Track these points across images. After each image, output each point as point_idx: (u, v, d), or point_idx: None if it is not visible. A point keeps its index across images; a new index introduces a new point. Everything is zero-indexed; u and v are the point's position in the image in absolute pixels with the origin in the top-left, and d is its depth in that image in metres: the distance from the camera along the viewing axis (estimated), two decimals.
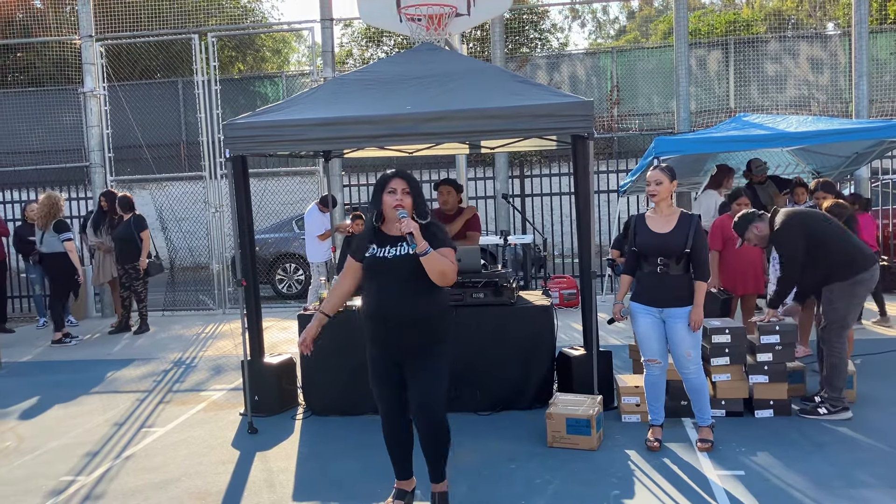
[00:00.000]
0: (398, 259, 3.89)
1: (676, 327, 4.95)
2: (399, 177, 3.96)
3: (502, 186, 11.72)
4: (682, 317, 4.93)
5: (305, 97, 6.22)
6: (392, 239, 3.95)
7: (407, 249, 3.87)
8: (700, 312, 4.92)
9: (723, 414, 5.64)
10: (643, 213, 5.20)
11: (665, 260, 4.94)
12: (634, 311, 5.11)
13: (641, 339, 5.12)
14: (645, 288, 5.05)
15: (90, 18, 11.66)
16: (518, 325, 5.95)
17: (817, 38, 16.16)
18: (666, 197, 5.02)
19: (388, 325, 3.89)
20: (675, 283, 4.95)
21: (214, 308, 11.68)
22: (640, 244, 5.04)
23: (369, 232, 4.03)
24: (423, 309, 3.90)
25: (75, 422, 6.31)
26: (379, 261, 3.92)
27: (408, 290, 3.88)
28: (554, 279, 10.74)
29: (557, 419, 5.16)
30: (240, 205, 6.09)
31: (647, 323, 5.04)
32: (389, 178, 3.97)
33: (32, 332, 10.58)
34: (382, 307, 3.90)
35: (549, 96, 5.77)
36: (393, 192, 3.92)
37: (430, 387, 3.92)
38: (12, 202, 12.65)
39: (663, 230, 4.98)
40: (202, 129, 11.46)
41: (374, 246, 3.96)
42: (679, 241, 4.92)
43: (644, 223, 5.09)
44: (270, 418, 6.03)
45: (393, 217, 3.92)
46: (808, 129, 7.77)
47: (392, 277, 3.90)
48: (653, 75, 16.94)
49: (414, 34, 7.56)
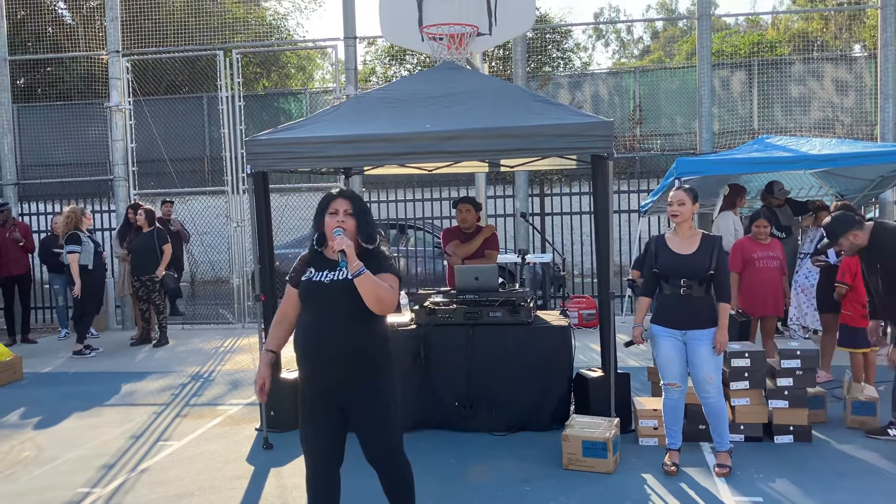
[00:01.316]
0: (335, 283, 3.54)
1: (699, 350, 4.89)
2: (343, 197, 3.62)
3: (522, 205, 11.71)
4: (705, 339, 4.88)
5: (327, 114, 6.26)
6: (332, 263, 3.60)
7: (347, 274, 3.50)
8: (725, 334, 4.86)
9: (741, 439, 5.56)
10: (663, 234, 5.16)
11: (688, 282, 4.89)
12: (656, 334, 5.05)
13: (662, 363, 5.05)
14: (667, 310, 5.00)
15: (118, 34, 11.84)
16: (535, 344, 5.91)
17: (843, 59, 16.05)
18: (688, 218, 4.98)
19: (322, 358, 3.54)
20: (698, 305, 4.90)
21: (234, 322, 11.73)
22: (662, 266, 4.99)
23: (311, 256, 3.70)
24: (360, 339, 3.54)
25: (93, 433, 6.35)
26: (314, 285, 3.58)
27: (343, 318, 3.52)
28: (573, 299, 10.68)
29: (573, 441, 5.11)
30: (260, 220, 6.13)
31: (669, 346, 4.98)
32: (332, 198, 3.62)
33: (54, 343, 10.68)
34: (315, 337, 3.54)
35: (569, 116, 5.76)
36: (335, 213, 3.59)
37: (380, 436, 3.59)
38: (38, 214, 12.82)
39: (686, 252, 4.94)
40: (225, 145, 11.57)
41: (311, 269, 3.64)
42: (702, 262, 4.87)
43: (665, 245, 5.04)
44: (286, 434, 6.03)
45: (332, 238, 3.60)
46: (832, 152, 7.70)
47: (327, 304, 3.55)
48: (676, 95, 16.88)
49: (435, 53, 7.60)
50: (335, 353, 3.52)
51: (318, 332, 3.54)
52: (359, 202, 3.66)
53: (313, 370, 3.59)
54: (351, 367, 3.54)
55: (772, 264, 7.05)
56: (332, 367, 3.54)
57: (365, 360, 3.57)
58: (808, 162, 7.84)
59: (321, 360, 3.55)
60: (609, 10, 43.39)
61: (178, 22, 14.18)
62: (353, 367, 3.54)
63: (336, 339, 3.52)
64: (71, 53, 15.57)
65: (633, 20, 45.65)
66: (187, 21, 14.16)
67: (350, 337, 3.53)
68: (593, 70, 22.99)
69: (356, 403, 3.58)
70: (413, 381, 5.86)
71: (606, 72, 21.25)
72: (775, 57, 17.20)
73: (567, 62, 20.33)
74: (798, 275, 8.28)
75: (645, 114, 17.04)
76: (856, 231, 5.34)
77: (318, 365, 3.57)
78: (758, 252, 7.02)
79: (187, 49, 13.22)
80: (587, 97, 17.57)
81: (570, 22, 21.36)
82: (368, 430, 3.59)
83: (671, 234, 5.08)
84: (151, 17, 13.82)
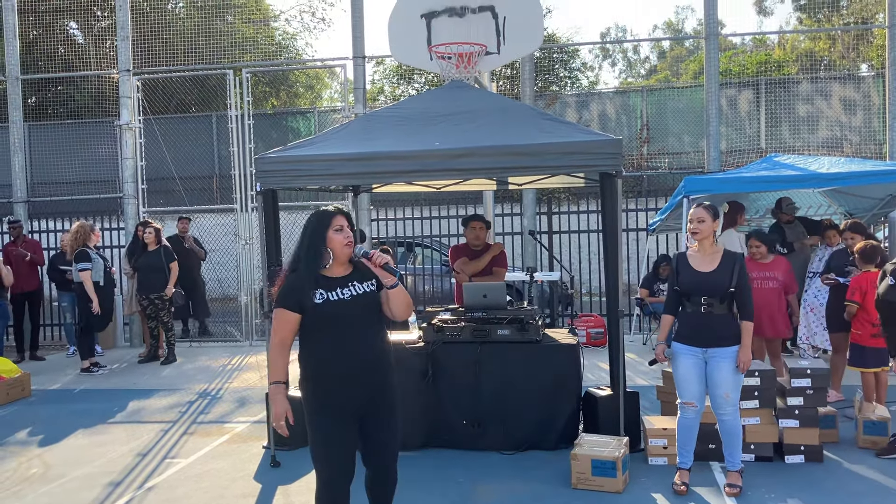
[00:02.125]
0: (358, 298, 3.60)
1: (720, 367, 4.85)
2: (342, 214, 3.67)
3: (530, 223, 11.71)
4: (727, 357, 4.84)
5: (335, 132, 6.29)
6: (340, 280, 3.62)
7: (362, 288, 3.61)
8: (748, 353, 4.83)
9: (752, 458, 5.52)
10: (684, 251, 5.13)
11: (709, 299, 4.86)
12: (676, 351, 5.01)
13: (681, 381, 5.00)
14: (688, 328, 4.97)
15: (128, 53, 11.94)
16: (544, 363, 5.89)
17: (850, 79, 16.06)
18: (708, 235, 4.95)
19: (352, 374, 3.57)
20: (720, 323, 4.86)
21: (241, 340, 11.73)
22: (684, 283, 4.96)
23: (309, 279, 3.59)
24: (384, 348, 3.68)
25: (100, 451, 6.34)
26: (335, 304, 3.56)
27: (369, 331, 3.62)
28: (581, 317, 10.66)
29: (582, 460, 5.08)
30: (268, 237, 6.14)
31: (689, 364, 4.94)
32: (333, 215, 3.64)
33: (62, 361, 10.69)
34: (348, 354, 3.56)
35: (577, 134, 5.78)
36: (341, 228, 3.62)
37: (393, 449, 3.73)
38: (48, 231, 12.88)
39: (707, 269, 4.91)
40: (234, 163, 11.62)
41: (321, 290, 3.57)
42: (723, 280, 4.84)
43: (686, 262, 5.00)
44: (293, 452, 6.00)
45: (344, 256, 3.63)
46: (840, 171, 7.69)
47: (352, 320, 3.58)
48: (683, 114, 16.91)
49: (444, 72, 7.63)
50: (367, 365, 3.61)
51: (350, 348, 3.57)
52: (350, 217, 3.74)
53: (347, 387, 3.59)
54: (377, 376, 3.64)
55: (769, 285, 6.98)
56: (363, 381, 3.60)
57: (388, 367, 3.70)
58: (817, 180, 7.83)
59: (354, 376, 3.58)
60: (616, 30, 43.63)
61: (189, 41, 14.28)
62: (380, 376, 3.65)
63: (366, 352, 3.60)
64: (82, 72, 15.70)
65: (639, 39, 45.83)
66: (197, 40, 14.27)
67: (378, 347, 3.65)
68: (600, 89, 23.03)
69: (378, 411, 3.66)
70: (421, 399, 5.84)
71: (614, 91, 21.32)
72: (782, 76, 17.24)
73: (574, 81, 20.42)
74: (807, 293, 8.24)
75: (652, 132, 17.06)
76: None
77: (352, 382, 3.59)
78: (755, 272, 6.92)
79: (197, 68, 13.32)
80: (594, 116, 17.61)
81: (578, 42, 21.43)
82: (384, 438, 3.69)
83: (693, 251, 5.05)
84: (162, 36, 13.95)
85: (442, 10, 8.11)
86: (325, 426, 3.60)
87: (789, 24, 28.29)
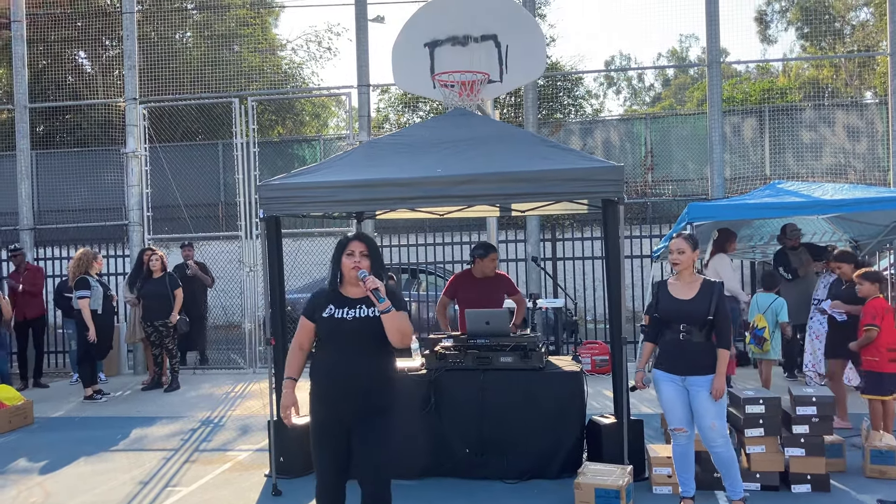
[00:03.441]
0: (357, 321, 3.93)
1: (699, 397, 4.88)
2: (358, 239, 4.03)
3: (533, 249, 11.70)
4: (705, 386, 4.86)
5: (339, 159, 6.32)
6: (350, 301, 4.00)
7: (367, 312, 3.94)
8: (722, 381, 4.86)
9: (758, 487, 5.46)
10: (666, 279, 5.19)
11: (687, 327, 4.91)
12: (657, 379, 5.07)
13: (666, 407, 5.05)
14: (667, 355, 5.02)
15: (135, 82, 12.05)
16: (547, 390, 5.85)
17: (854, 106, 16.09)
18: (688, 266, 5.05)
19: (341, 387, 3.89)
20: (697, 351, 4.90)
21: (245, 367, 11.70)
22: (662, 310, 5.05)
23: (327, 293, 4.05)
24: (378, 372, 3.95)
25: (101, 479, 6.30)
26: (336, 321, 3.94)
27: (364, 352, 3.91)
28: (586, 344, 10.61)
29: (586, 489, 5.03)
30: (272, 264, 6.15)
31: (671, 390, 4.98)
32: (349, 240, 4.04)
33: (66, 388, 10.67)
34: (338, 368, 3.91)
35: (579, 161, 5.79)
36: (351, 254, 3.98)
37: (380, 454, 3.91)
38: (53, 258, 12.92)
39: (685, 297, 4.98)
40: (239, 190, 11.67)
41: (331, 306, 3.98)
42: (701, 308, 4.90)
43: (667, 289, 5.10)
44: (295, 480, 5.96)
45: (352, 278, 3.99)
46: (844, 197, 7.67)
47: (349, 339, 3.93)
48: (687, 141, 16.95)
49: (447, 100, 7.68)
50: (356, 381, 3.89)
51: (339, 365, 3.90)
52: (372, 244, 4.07)
53: (332, 399, 3.92)
54: (367, 395, 3.90)
55: None
56: (351, 395, 3.88)
57: (380, 390, 3.95)
58: (821, 207, 7.82)
59: (341, 390, 3.89)
60: (620, 58, 43.88)
61: (195, 70, 14.42)
62: (370, 396, 3.91)
63: (357, 369, 3.89)
64: (89, 101, 15.86)
65: (643, 67, 46.14)
66: (204, 70, 14.41)
67: (370, 368, 3.91)
68: (604, 117, 23.15)
69: (365, 422, 3.91)
70: (423, 426, 5.81)
71: (618, 118, 21.40)
72: (786, 103, 17.28)
73: (578, 109, 20.50)
74: (812, 321, 8.20)
75: (656, 160, 17.10)
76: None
77: (338, 395, 3.90)
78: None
79: (203, 97, 13.43)
80: (598, 143, 17.67)
81: (581, 69, 21.55)
82: (371, 441, 3.91)
83: (674, 279, 5.12)
84: (169, 65, 14.07)
85: (445, 39, 8.18)
86: (315, 428, 3.99)
87: (793, 52, 28.43)
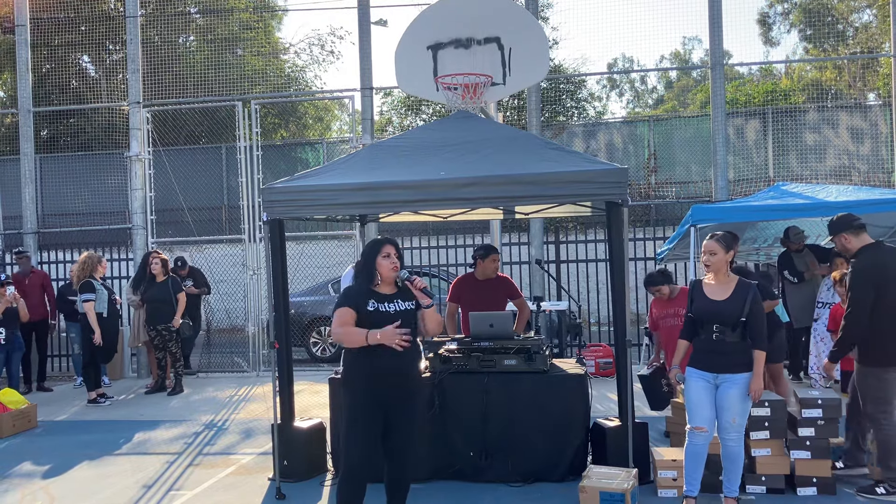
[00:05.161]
0: (400, 313, 4.48)
1: (729, 392, 4.89)
2: (390, 243, 4.54)
3: (537, 252, 11.68)
4: (738, 383, 4.87)
5: (342, 162, 6.31)
6: (387, 296, 4.53)
7: (403, 305, 4.51)
8: (760, 382, 4.87)
9: (763, 490, 5.44)
10: (701, 279, 5.19)
11: (721, 327, 4.92)
12: (688, 376, 5.06)
13: (692, 405, 5.02)
14: (701, 353, 5.03)
15: (139, 86, 12.07)
16: (551, 393, 5.84)
17: (857, 108, 16.06)
18: (721, 267, 5.03)
19: (385, 373, 4.39)
20: (732, 350, 4.91)
21: (248, 370, 11.69)
22: (696, 310, 5.06)
23: (363, 289, 4.52)
24: (414, 358, 4.55)
25: (105, 482, 6.30)
26: (382, 314, 4.44)
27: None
28: (590, 347, 10.58)
29: (591, 493, 5.02)
30: (275, 267, 6.15)
31: (700, 388, 4.97)
32: (383, 243, 4.54)
33: (70, 392, 10.67)
34: (384, 357, 4.36)
35: (583, 163, 5.78)
36: (388, 255, 4.50)
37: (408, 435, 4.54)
38: (57, 262, 12.93)
39: (719, 297, 4.98)
40: (243, 194, 11.67)
41: (373, 301, 4.47)
42: (735, 309, 4.90)
43: (701, 290, 5.09)
44: (299, 484, 5.96)
45: (390, 278, 4.52)
46: (848, 199, 7.66)
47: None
48: (690, 144, 16.93)
49: (450, 102, 7.66)
50: (399, 369, 4.43)
51: (388, 351, 4.33)
52: (399, 246, 4.59)
53: (377, 382, 4.41)
54: (406, 380, 4.49)
55: (670, 322, 6.87)
56: (393, 380, 4.43)
57: (417, 374, 4.61)
58: (824, 209, 7.80)
59: (385, 374, 4.40)
60: (623, 61, 43.76)
61: (199, 74, 14.41)
62: (408, 381, 4.50)
63: (401, 357, 4.37)
64: (93, 105, 15.87)
65: (646, 70, 45.93)
66: (207, 73, 14.41)
67: (407, 356, 4.43)
68: (608, 119, 23.11)
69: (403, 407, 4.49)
70: (427, 429, 5.78)
71: (621, 121, 21.40)
72: (789, 105, 17.26)
73: (581, 111, 20.48)
74: (817, 323, 8.17)
75: (660, 162, 17.08)
76: (847, 235, 5.55)
77: (381, 379, 4.40)
78: (656, 311, 7.05)
79: (207, 100, 13.43)
80: (602, 146, 17.66)
81: (584, 72, 21.50)
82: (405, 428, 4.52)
83: (708, 279, 5.12)
84: (172, 69, 14.08)
85: (448, 42, 8.16)
86: (355, 410, 4.42)
87: (796, 53, 28.37)
